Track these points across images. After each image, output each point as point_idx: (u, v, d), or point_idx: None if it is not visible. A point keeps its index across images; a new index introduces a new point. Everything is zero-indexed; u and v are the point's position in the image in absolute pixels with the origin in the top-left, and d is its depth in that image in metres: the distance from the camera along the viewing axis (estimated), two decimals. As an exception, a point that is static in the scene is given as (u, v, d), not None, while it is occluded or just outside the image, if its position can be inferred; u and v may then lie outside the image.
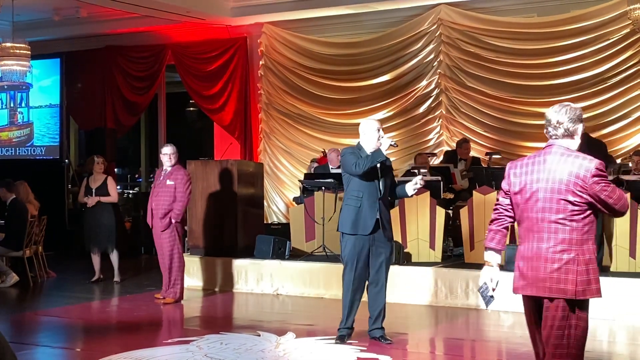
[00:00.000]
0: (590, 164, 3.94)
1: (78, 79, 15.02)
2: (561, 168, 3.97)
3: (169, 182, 8.89)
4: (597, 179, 3.92)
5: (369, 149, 6.65)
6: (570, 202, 3.93)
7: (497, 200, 4.27)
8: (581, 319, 3.99)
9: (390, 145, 6.70)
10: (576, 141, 4.09)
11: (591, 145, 8.61)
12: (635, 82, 10.98)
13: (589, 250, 3.97)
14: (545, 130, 4.15)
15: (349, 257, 6.73)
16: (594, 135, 9.57)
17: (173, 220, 8.84)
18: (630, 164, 10.00)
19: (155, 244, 9.11)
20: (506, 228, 4.24)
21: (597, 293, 4.00)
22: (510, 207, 4.20)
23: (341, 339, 6.78)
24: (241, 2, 13.03)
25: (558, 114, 4.06)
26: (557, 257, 3.92)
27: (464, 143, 11.27)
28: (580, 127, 4.08)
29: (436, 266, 9.11)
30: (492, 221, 4.29)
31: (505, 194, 4.20)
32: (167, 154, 8.98)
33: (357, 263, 6.71)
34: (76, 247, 13.12)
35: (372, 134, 6.66)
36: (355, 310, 6.82)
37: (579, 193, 3.92)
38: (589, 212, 3.96)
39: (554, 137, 4.08)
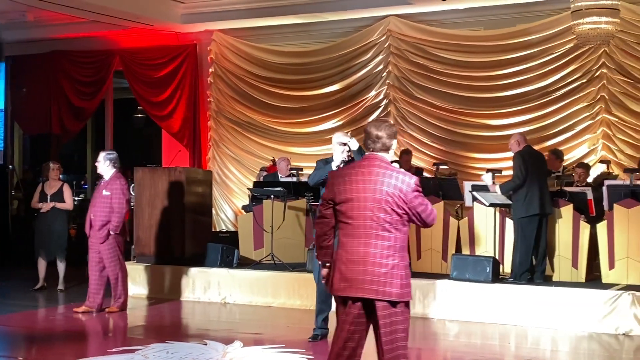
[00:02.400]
0: (411, 180, 4.29)
1: (23, 83, 14.76)
2: (387, 180, 4.26)
3: (104, 192, 8.68)
4: (416, 193, 4.28)
5: (335, 161, 6.92)
6: (395, 212, 4.23)
7: (321, 212, 4.43)
8: (406, 320, 4.34)
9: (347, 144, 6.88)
10: (391, 154, 4.41)
11: (533, 158, 8.78)
12: (579, 95, 11.22)
13: (407, 257, 4.33)
14: (364, 143, 4.43)
15: (313, 267, 7.10)
16: (537, 147, 9.72)
17: (112, 232, 8.67)
18: (573, 175, 10.20)
19: (89, 253, 8.88)
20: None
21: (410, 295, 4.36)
22: (332, 218, 4.40)
23: (314, 339, 7.13)
24: (191, 9, 12.98)
25: (378, 130, 4.35)
26: (384, 262, 4.20)
27: (403, 155, 11.34)
28: (395, 143, 4.40)
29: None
30: (323, 234, 4.44)
31: (328, 203, 4.37)
32: (98, 161, 8.82)
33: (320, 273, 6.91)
34: (19, 254, 12.86)
35: (335, 147, 6.95)
36: (321, 317, 7.11)
37: (401, 205, 4.24)
38: (407, 222, 4.32)
39: (372, 149, 4.37)
